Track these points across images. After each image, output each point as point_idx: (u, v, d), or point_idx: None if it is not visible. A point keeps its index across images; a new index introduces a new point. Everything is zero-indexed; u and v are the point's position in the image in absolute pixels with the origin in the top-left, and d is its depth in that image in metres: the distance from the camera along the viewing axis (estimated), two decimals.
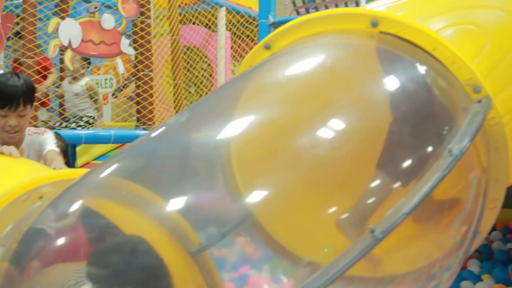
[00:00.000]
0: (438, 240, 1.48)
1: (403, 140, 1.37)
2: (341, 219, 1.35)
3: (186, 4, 6.49)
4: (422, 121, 1.41)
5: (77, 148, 4.74)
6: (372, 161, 1.41)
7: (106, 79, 7.10)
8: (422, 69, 1.48)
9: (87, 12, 3.86)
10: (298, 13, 7.80)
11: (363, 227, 1.25)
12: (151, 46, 3.90)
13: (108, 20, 3.73)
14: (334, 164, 1.42)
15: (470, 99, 1.48)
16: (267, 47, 1.62)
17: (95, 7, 3.84)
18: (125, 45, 3.79)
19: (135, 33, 4.06)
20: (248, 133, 1.47)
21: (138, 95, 4.06)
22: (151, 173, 1.55)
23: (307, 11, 7.75)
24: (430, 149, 1.34)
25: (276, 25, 7.12)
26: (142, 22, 3.87)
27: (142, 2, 3.84)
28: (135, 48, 3.95)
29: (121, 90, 6.91)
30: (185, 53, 6.48)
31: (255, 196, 1.48)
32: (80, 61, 4.19)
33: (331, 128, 1.37)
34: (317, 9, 7.64)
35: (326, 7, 7.48)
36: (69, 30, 3.57)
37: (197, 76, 6.72)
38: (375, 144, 1.41)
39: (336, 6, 7.39)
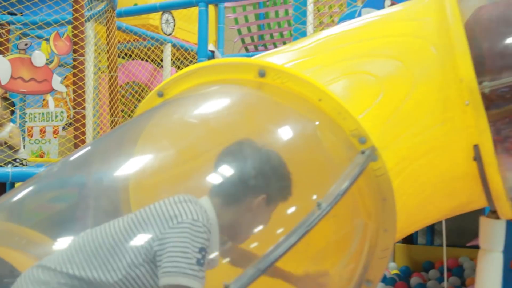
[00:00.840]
0: (322, 280, 1.48)
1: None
2: None
3: (134, 40, 6.48)
4: (302, 172, 1.41)
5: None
6: None
7: (57, 112, 7.01)
8: (306, 119, 1.49)
9: (17, 49, 3.83)
10: (247, 50, 7.88)
11: None
12: (83, 83, 3.87)
13: (39, 57, 3.69)
14: None
15: (356, 150, 1.49)
16: (160, 94, 1.62)
17: (25, 44, 3.81)
18: (57, 82, 3.75)
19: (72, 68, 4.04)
20: (143, 170, 1.47)
21: (74, 130, 4.02)
22: (44, 215, 1.53)
23: (256, 48, 7.83)
24: (304, 200, 1.33)
25: None
26: (75, 60, 3.84)
27: (76, 39, 3.82)
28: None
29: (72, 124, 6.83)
30: (132, 88, 6.45)
31: None
32: (3, 105, 4.09)
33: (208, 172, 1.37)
34: (265, 47, 7.73)
35: (275, 45, 7.57)
36: None
37: None
38: None
39: (284, 43, 7.48)
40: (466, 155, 1.74)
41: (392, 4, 3.17)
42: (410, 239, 6.93)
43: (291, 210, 1.34)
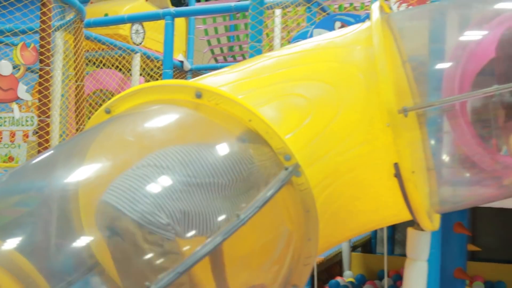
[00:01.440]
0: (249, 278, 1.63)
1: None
2: None
3: (104, 49, 6.59)
4: (230, 185, 1.57)
5: None
6: None
7: (27, 117, 7.08)
8: (236, 137, 1.65)
9: None
10: (217, 61, 8.03)
11: None
12: (49, 92, 3.99)
13: (5, 66, 3.81)
14: None
15: (282, 166, 1.66)
16: (107, 111, 1.76)
17: None
18: (22, 91, 3.87)
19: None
20: (91, 180, 1.59)
21: (39, 138, 4.13)
22: None
23: (225, 59, 7.98)
24: (229, 211, 1.49)
25: (194, 71, 7.33)
26: (41, 69, 3.96)
27: (42, 50, 3.94)
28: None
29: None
30: (100, 97, 6.56)
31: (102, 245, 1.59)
32: None
33: None
34: (234, 58, 7.89)
35: (244, 57, 7.73)
36: None
37: None
38: None
39: (254, 55, 7.65)
40: (388, 172, 1.91)
41: (342, 26, 3.35)
42: (369, 249, 7.14)
43: (218, 220, 1.49)
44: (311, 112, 1.86)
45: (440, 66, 2.29)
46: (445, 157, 2.40)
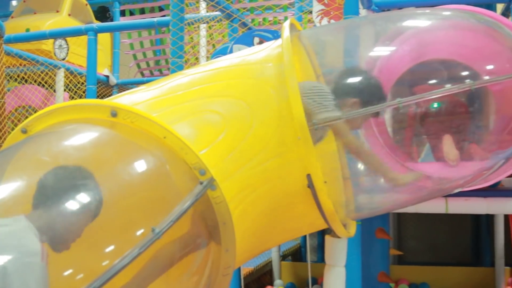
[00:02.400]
0: None
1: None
2: None
3: (27, 64, 6.48)
4: (145, 201, 1.61)
5: None
6: None
7: None
8: (152, 154, 1.69)
9: None
10: (143, 75, 8.02)
11: None
12: None
13: None
14: None
15: (197, 181, 1.71)
16: (24, 131, 1.77)
17: None
18: None
19: None
20: None
21: None
22: None
23: (152, 73, 7.98)
24: (145, 226, 1.52)
25: (120, 86, 7.28)
26: None
27: None
28: None
29: None
30: (23, 114, 6.43)
31: None
32: None
33: None
34: (161, 72, 7.90)
35: (170, 70, 7.74)
36: None
37: None
38: None
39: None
40: (302, 183, 1.99)
41: (261, 42, 3.45)
42: (299, 257, 7.26)
43: (135, 234, 1.53)
44: (225, 128, 1.92)
45: (353, 79, 2.39)
46: (360, 166, 2.51)
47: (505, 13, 5.10)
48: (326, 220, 2.10)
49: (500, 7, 5.50)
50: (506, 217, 5.49)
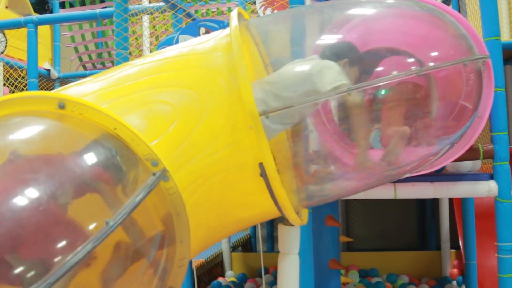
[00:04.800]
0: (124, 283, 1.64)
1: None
2: None
3: None
4: (99, 194, 1.58)
5: None
6: None
7: None
8: (103, 146, 1.65)
9: None
10: (85, 68, 7.87)
11: None
12: None
13: None
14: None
15: (150, 172, 1.69)
16: None
17: None
18: None
19: None
20: None
21: None
22: None
23: (94, 66, 7.84)
24: (99, 219, 1.49)
25: (62, 80, 7.12)
26: None
27: None
28: None
29: None
30: None
31: None
32: None
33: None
34: (104, 65, 7.77)
35: (113, 63, 7.62)
36: None
37: None
38: None
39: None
40: (254, 172, 1.99)
41: (207, 32, 3.42)
42: (249, 248, 7.29)
43: (88, 227, 1.49)
44: (176, 118, 1.90)
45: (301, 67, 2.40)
46: (310, 154, 2.53)
47: (445, 1, 5.22)
48: (280, 208, 2.11)
49: None
50: (451, 201, 5.65)
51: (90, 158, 1.62)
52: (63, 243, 1.39)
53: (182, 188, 1.80)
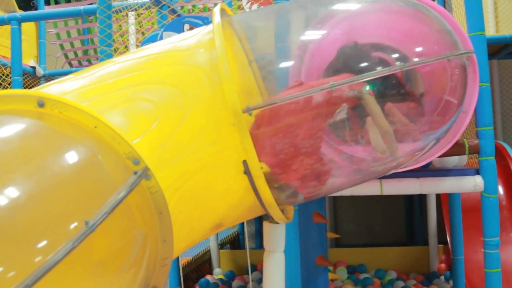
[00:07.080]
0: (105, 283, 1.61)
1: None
2: None
3: None
4: (75, 194, 1.55)
5: None
6: None
7: None
8: (83, 144, 1.62)
9: None
10: (71, 65, 7.81)
11: None
12: None
13: None
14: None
15: (131, 171, 1.66)
16: None
17: None
18: None
19: None
20: None
21: None
22: None
23: (80, 63, 7.78)
24: (78, 219, 1.46)
25: (48, 77, 7.06)
26: None
27: None
28: None
29: None
30: None
31: None
32: None
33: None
34: (90, 62, 7.71)
35: (99, 60, 7.56)
36: None
37: None
38: None
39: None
40: (238, 170, 1.97)
41: (191, 28, 3.39)
42: (237, 245, 7.28)
43: (68, 227, 1.46)
44: (158, 116, 1.88)
45: (285, 64, 2.39)
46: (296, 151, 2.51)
47: None
48: (264, 206, 2.09)
49: None
50: (438, 196, 5.67)
51: (70, 157, 1.59)
52: (42, 243, 1.37)
53: (165, 187, 1.78)
